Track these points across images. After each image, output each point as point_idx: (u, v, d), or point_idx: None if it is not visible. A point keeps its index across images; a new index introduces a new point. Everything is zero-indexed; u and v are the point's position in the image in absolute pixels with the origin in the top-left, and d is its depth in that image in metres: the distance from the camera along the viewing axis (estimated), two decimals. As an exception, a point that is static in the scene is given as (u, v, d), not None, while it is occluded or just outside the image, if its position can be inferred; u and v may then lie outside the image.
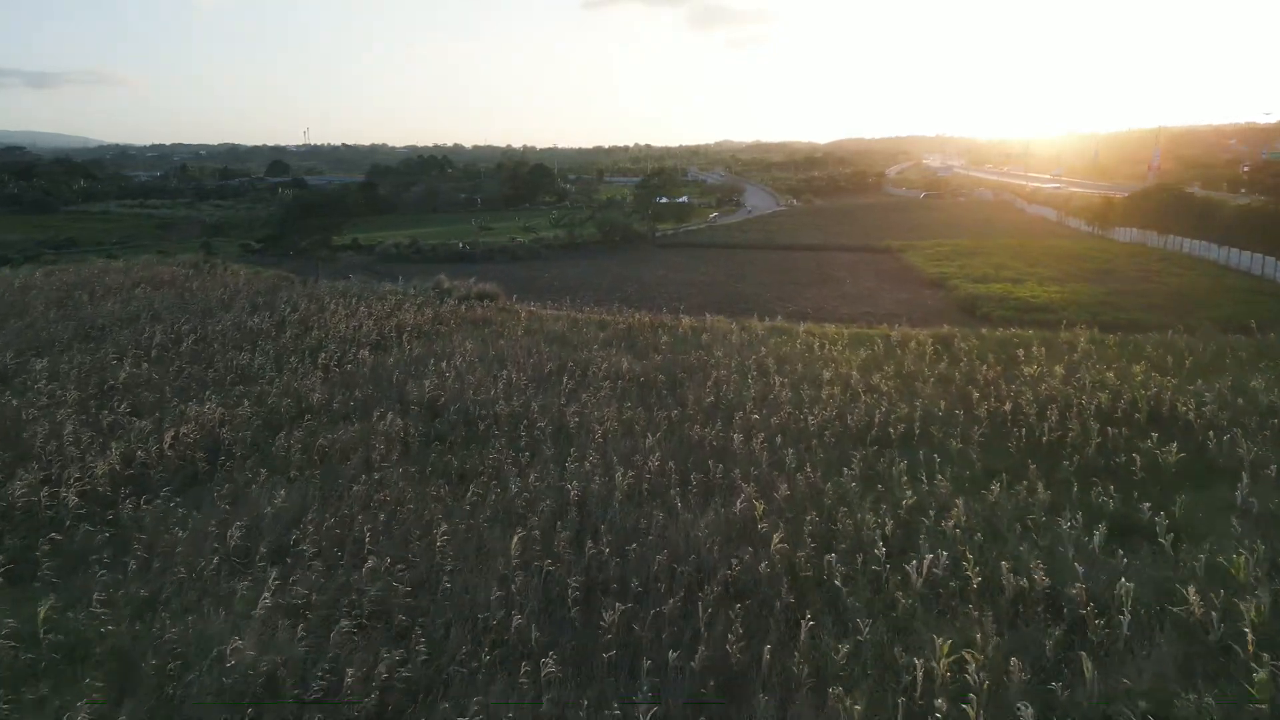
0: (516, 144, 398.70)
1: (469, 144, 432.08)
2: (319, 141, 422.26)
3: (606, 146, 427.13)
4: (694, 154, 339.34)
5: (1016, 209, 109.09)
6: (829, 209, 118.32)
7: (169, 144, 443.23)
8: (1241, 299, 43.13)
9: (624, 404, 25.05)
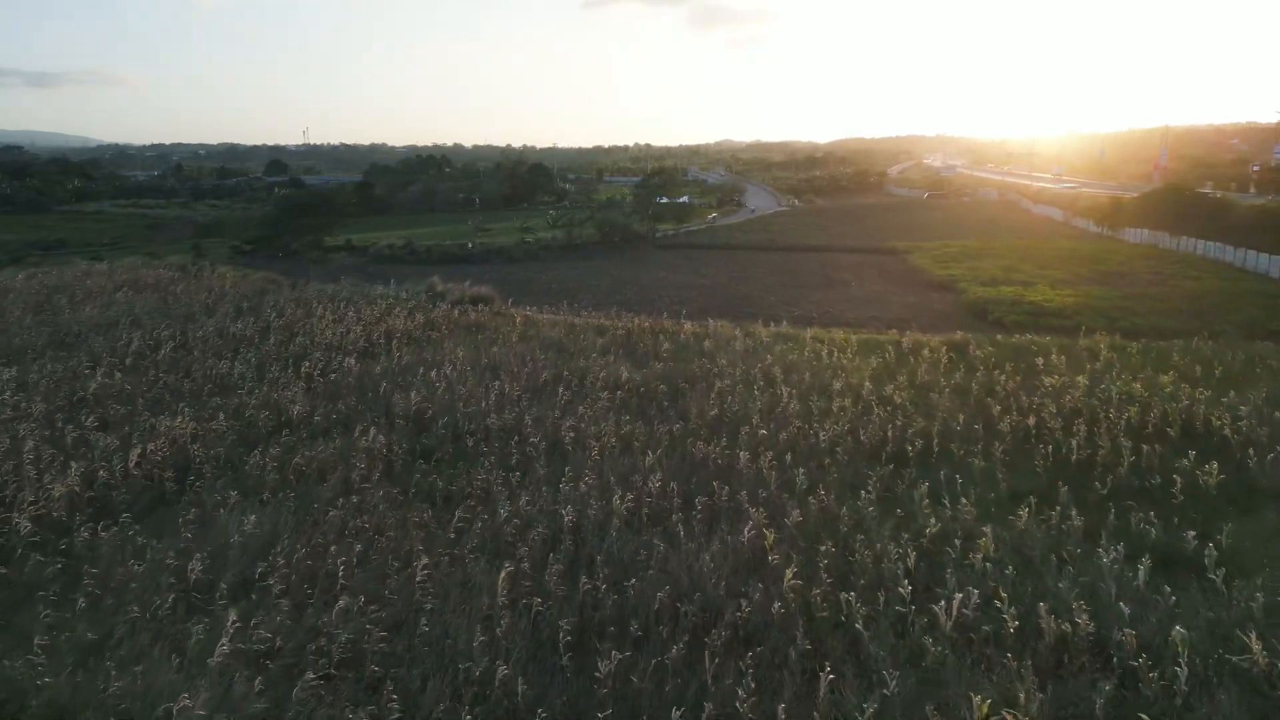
0: (516, 144, 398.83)
1: (469, 144, 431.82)
2: (318, 141, 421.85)
3: (606, 146, 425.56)
4: (694, 154, 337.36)
5: (1022, 209, 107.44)
6: (831, 209, 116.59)
7: (168, 144, 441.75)
8: (1263, 303, 41.68)
9: (622, 417, 23.64)
